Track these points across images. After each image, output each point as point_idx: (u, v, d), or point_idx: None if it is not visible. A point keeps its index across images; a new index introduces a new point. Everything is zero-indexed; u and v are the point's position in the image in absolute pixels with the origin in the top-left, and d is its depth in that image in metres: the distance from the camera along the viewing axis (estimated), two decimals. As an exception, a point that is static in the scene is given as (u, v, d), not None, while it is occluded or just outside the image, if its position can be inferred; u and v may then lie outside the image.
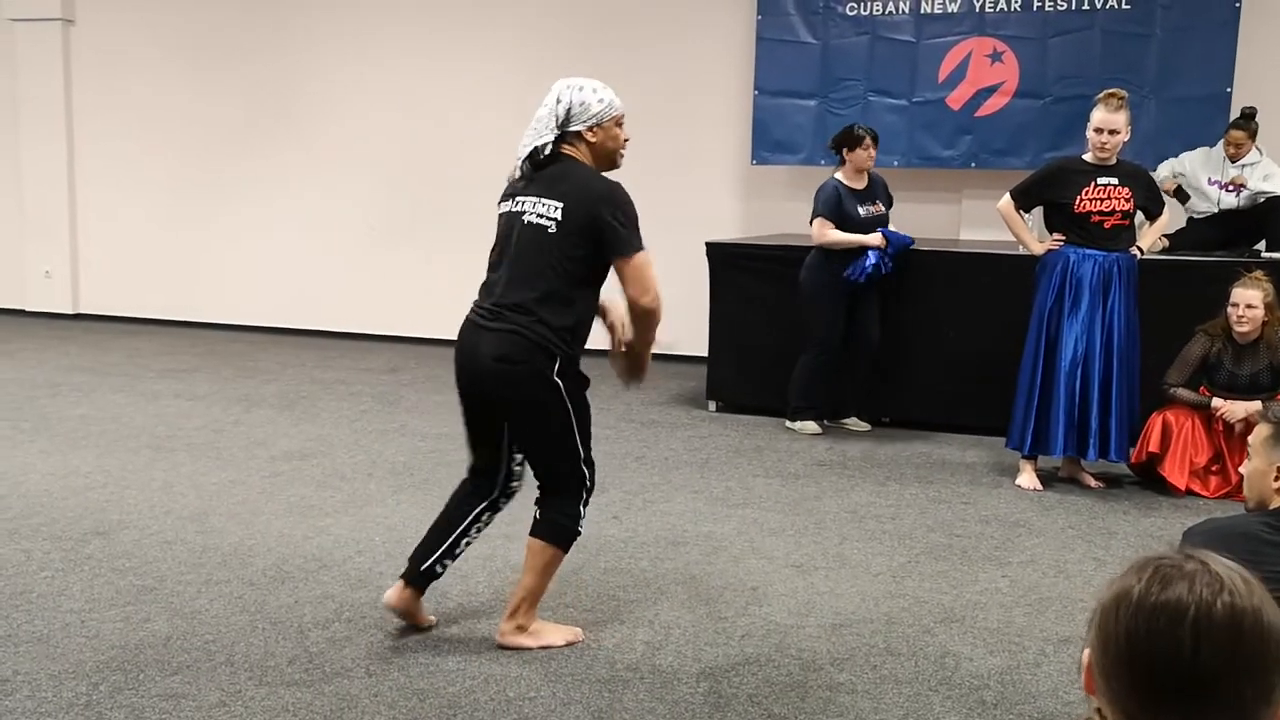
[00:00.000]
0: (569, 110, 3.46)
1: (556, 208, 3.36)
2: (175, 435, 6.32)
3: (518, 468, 3.65)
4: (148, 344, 9.42)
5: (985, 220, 7.08)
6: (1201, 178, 6.80)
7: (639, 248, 3.36)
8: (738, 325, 7.13)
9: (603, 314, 3.58)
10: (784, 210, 8.46)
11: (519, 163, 3.50)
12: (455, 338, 3.54)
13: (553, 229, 3.36)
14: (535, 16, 9.16)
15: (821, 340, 6.58)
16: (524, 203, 3.43)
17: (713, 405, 7.26)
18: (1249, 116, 6.68)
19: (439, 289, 9.60)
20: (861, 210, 6.51)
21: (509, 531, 4.71)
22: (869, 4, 8.03)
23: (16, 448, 5.99)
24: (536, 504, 3.56)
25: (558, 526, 3.51)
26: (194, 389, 7.63)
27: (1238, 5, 7.36)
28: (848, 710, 3.23)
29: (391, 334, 9.75)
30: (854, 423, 6.77)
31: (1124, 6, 7.56)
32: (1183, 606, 1.19)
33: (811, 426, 6.65)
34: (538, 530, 3.53)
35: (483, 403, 3.50)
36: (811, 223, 6.55)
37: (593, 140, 3.47)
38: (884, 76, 8.05)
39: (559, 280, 3.36)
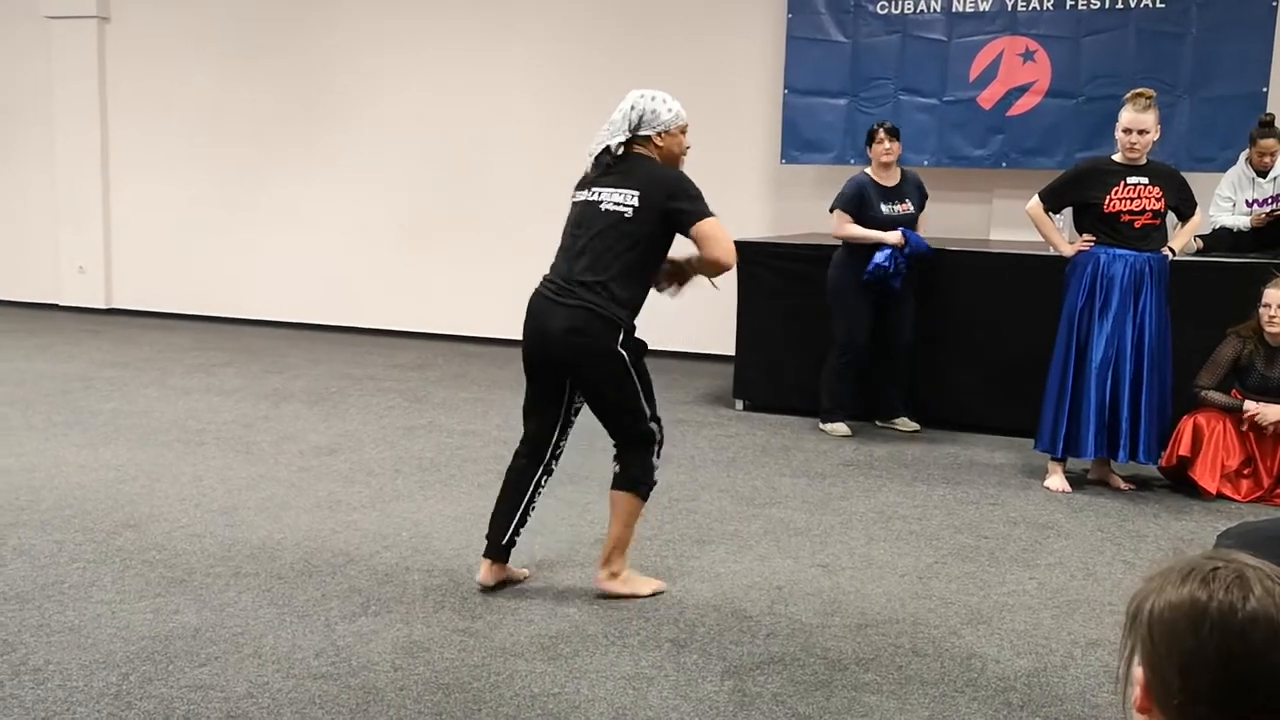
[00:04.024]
0: (641, 117, 3.85)
1: (633, 195, 3.78)
2: (205, 430, 6.37)
3: (568, 436, 4.08)
4: (179, 339, 9.51)
5: (1016, 220, 7.03)
6: (1240, 201, 6.73)
7: (710, 213, 3.78)
8: (765, 324, 7.12)
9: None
10: (813, 210, 8.43)
11: (590, 157, 3.90)
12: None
13: (629, 214, 3.77)
14: (568, 15, 9.18)
15: (843, 341, 6.57)
16: (600, 192, 3.85)
17: (740, 404, 7.25)
18: (1272, 123, 6.60)
19: (468, 286, 9.64)
20: (885, 208, 6.47)
21: (535, 527, 4.72)
22: (900, 2, 8.00)
23: (49, 441, 6.06)
24: (615, 460, 3.94)
25: (635, 479, 3.92)
26: (224, 384, 7.69)
27: (1274, 4, 7.29)
28: (873, 711, 3.22)
29: (421, 330, 9.79)
30: (903, 422, 6.72)
31: (1158, 5, 7.49)
32: (1270, 618, 1.17)
33: (840, 428, 6.62)
34: (619, 483, 3.93)
35: (550, 370, 3.90)
36: (831, 212, 6.56)
37: (660, 145, 3.88)
38: (915, 75, 8.01)
39: (632, 260, 3.79)
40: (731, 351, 7.34)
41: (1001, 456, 6.17)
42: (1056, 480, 5.56)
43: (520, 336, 3.99)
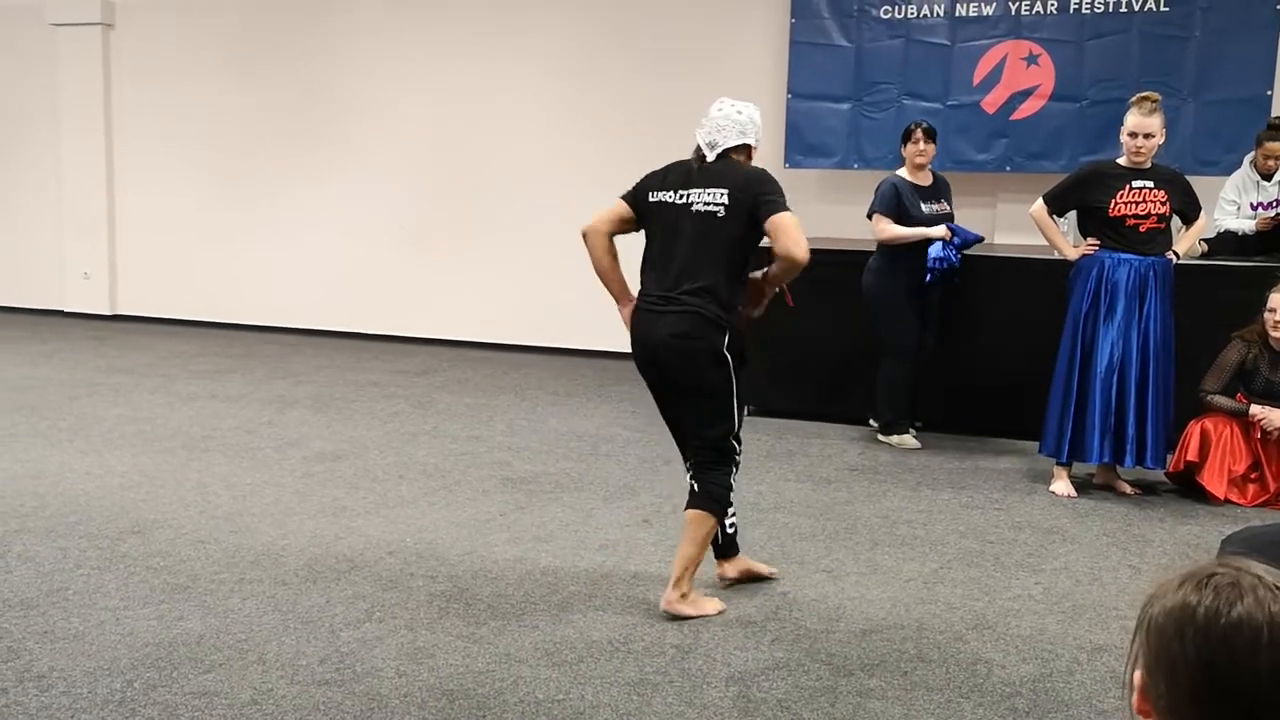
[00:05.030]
0: (754, 126, 3.95)
1: (723, 194, 3.79)
2: (210, 436, 6.38)
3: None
4: (184, 345, 9.52)
5: (1020, 224, 7.03)
6: (1244, 204, 6.72)
7: (787, 208, 3.77)
8: (769, 328, 7.08)
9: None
10: (817, 214, 8.41)
11: (712, 150, 3.89)
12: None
13: (721, 214, 3.78)
14: (570, 19, 9.18)
15: (897, 347, 6.40)
16: (689, 194, 3.84)
17: (744, 409, 7.22)
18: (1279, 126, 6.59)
19: (473, 291, 9.65)
20: (925, 207, 6.37)
21: (540, 534, 4.72)
22: (903, 7, 8.00)
23: (54, 447, 6.07)
24: (694, 477, 3.88)
25: (715, 497, 3.87)
26: (228, 390, 7.70)
27: (1278, 7, 7.28)
28: (878, 716, 3.21)
29: (425, 336, 9.79)
30: (905, 440, 6.52)
31: (1162, 9, 7.48)
32: (1255, 626, 1.16)
33: (909, 441, 6.42)
34: (699, 503, 3.86)
35: (663, 383, 3.88)
36: (870, 218, 6.42)
37: (750, 156, 3.98)
38: (918, 80, 8.00)
39: (728, 261, 3.79)
40: (735, 356, 7.32)
41: (1006, 461, 6.16)
42: (1062, 485, 5.55)
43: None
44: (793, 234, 3.72)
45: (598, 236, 3.95)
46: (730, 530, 4.12)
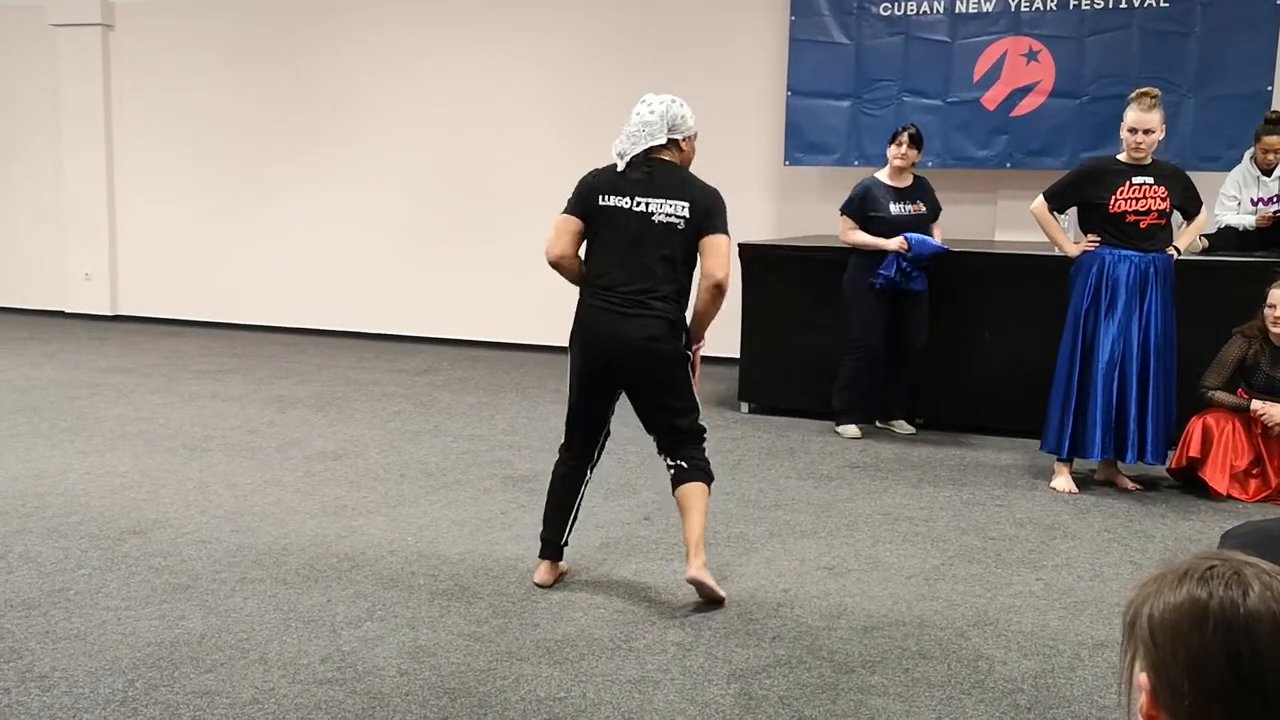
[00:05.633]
0: (672, 122, 3.98)
1: (685, 207, 3.93)
2: (211, 435, 6.38)
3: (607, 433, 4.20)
4: (185, 345, 9.52)
5: (1021, 221, 7.03)
6: (1245, 199, 6.71)
7: (727, 232, 3.99)
8: (770, 327, 7.12)
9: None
10: (817, 211, 8.43)
11: (622, 159, 3.95)
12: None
13: (682, 226, 3.93)
14: (570, 19, 9.18)
15: (855, 342, 6.55)
16: (649, 203, 3.93)
17: (745, 407, 7.24)
18: (1278, 120, 6.58)
19: (474, 291, 9.65)
20: (895, 208, 6.47)
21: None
22: (903, 4, 7.99)
23: (55, 447, 6.07)
24: (677, 457, 4.02)
25: (706, 469, 4.06)
26: (230, 390, 7.70)
27: (1279, 3, 7.27)
28: (880, 713, 3.21)
29: (426, 335, 9.80)
30: (900, 425, 6.73)
31: (1162, 4, 7.47)
32: (1272, 614, 1.16)
33: (850, 430, 6.59)
34: (695, 476, 4.02)
35: (616, 379, 4.00)
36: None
37: (683, 150, 4.06)
38: (918, 77, 8.00)
39: (685, 268, 3.98)
40: (737, 354, 7.34)
41: (1008, 458, 6.16)
42: (1063, 481, 5.54)
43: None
44: (722, 256, 3.91)
45: (571, 261, 4.02)
46: (570, 535, 4.20)
